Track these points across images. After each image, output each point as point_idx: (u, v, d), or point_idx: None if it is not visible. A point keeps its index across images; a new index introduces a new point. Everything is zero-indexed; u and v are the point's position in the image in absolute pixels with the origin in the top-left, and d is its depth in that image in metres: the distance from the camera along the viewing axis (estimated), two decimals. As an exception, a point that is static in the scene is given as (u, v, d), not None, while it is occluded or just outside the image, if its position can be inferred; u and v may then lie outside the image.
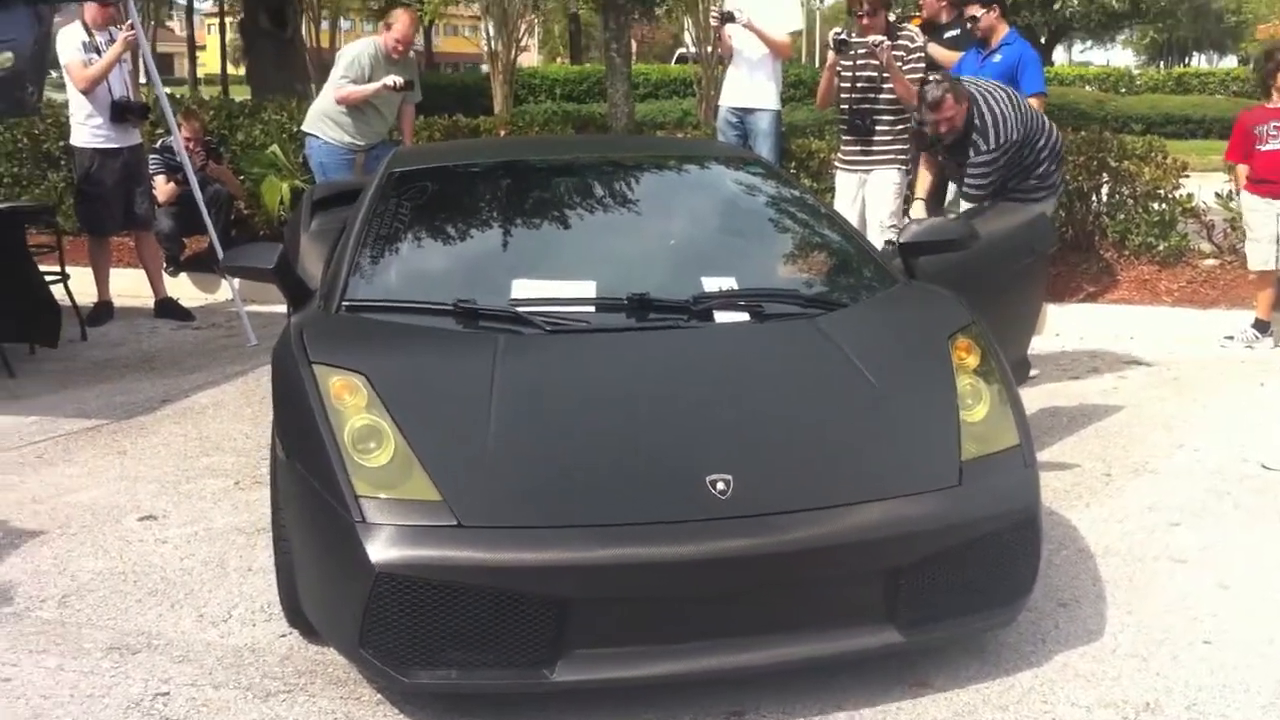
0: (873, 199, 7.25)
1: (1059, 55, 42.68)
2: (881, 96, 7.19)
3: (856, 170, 7.34)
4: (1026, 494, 3.51)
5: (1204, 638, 3.71)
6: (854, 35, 7.19)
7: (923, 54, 7.26)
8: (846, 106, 7.32)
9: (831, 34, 7.38)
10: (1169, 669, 3.52)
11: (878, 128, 7.23)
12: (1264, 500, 4.91)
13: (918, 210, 6.58)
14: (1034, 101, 7.09)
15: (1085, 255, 8.69)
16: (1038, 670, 3.51)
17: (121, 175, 8.16)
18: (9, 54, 7.09)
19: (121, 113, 8.08)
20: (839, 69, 7.30)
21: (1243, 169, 7.65)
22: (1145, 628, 3.77)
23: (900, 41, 7.14)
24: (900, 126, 7.24)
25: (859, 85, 7.22)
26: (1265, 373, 6.90)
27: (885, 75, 7.08)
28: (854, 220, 7.04)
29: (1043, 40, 34.39)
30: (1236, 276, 8.17)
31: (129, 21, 7.93)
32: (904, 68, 7.07)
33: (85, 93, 7.97)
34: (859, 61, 7.18)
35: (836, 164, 7.64)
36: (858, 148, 7.33)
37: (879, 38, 6.97)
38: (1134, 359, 7.27)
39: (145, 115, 8.49)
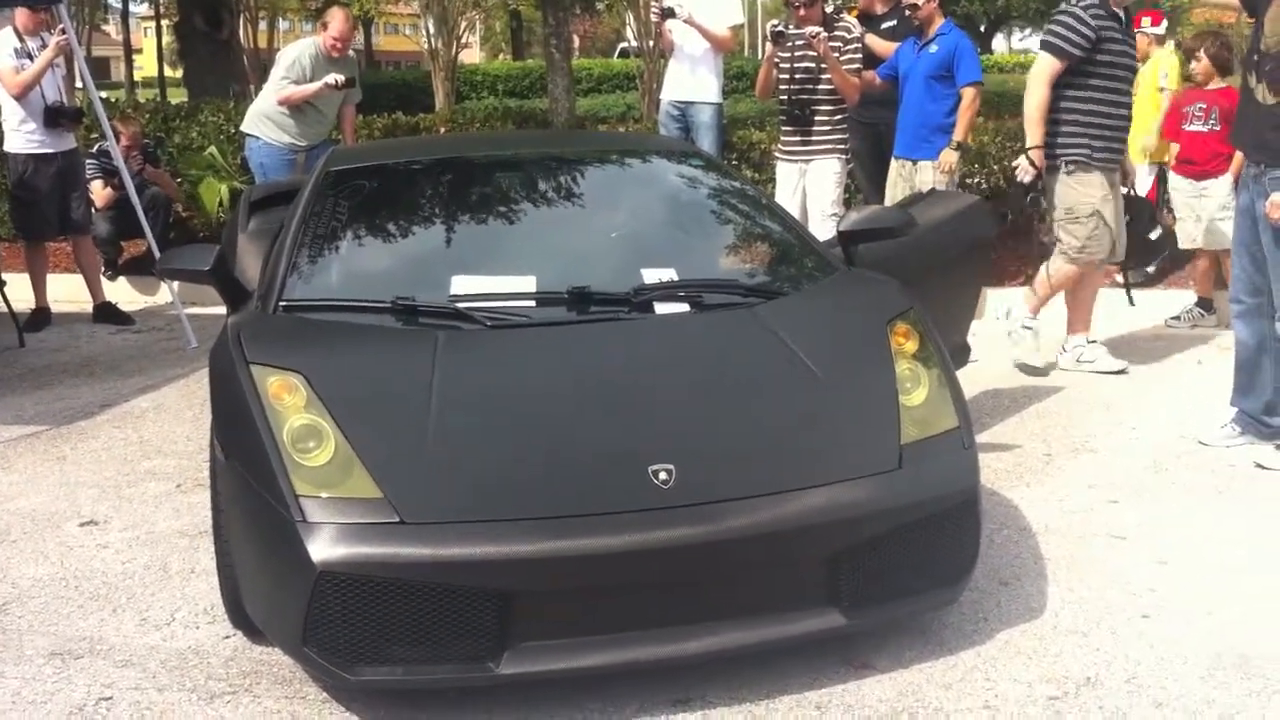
0: (814, 188, 7.28)
1: (998, 43, 43.11)
2: (820, 87, 7.22)
3: (796, 160, 7.36)
4: (966, 475, 3.55)
5: (1142, 612, 3.77)
6: (791, 26, 7.22)
7: (860, 44, 7.30)
8: (786, 97, 7.36)
9: (769, 25, 7.41)
10: (1108, 644, 3.57)
11: (816, 118, 7.25)
12: (1200, 477, 4.99)
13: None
14: (970, 91, 7.16)
15: (1024, 239, 8.78)
16: (980, 648, 3.56)
17: (56, 180, 8.08)
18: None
19: (55, 118, 7.99)
20: (777, 60, 7.34)
21: (1175, 148, 7.78)
22: (1085, 604, 3.83)
23: (837, 32, 7.17)
24: (839, 116, 7.28)
25: (797, 76, 7.25)
26: (1203, 350, 7.01)
27: (823, 66, 7.12)
28: (795, 210, 7.07)
29: (982, 29, 34.69)
30: (1174, 256, 8.30)
31: (60, 26, 7.84)
32: (841, 58, 7.10)
33: (18, 98, 7.88)
34: (797, 52, 7.22)
35: (777, 155, 7.67)
36: (797, 138, 7.35)
37: (816, 29, 7.00)
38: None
39: (79, 120, 8.40)
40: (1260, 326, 5.17)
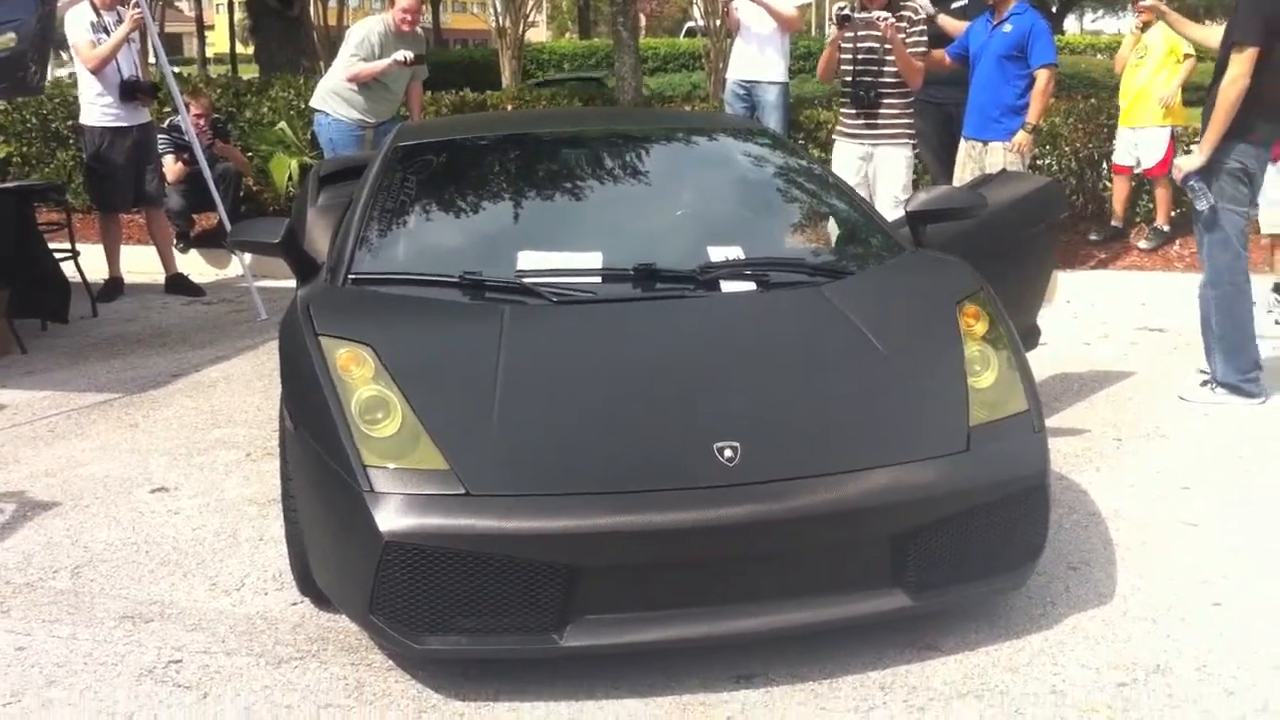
0: (884, 174, 7.06)
1: (1070, 24, 42.44)
2: (886, 68, 6.99)
3: (863, 143, 7.13)
4: (1035, 459, 3.51)
5: (1214, 600, 3.71)
6: (858, 9, 7.06)
7: (925, 26, 7.10)
8: (849, 79, 7.14)
9: (836, 9, 7.23)
10: (1179, 631, 3.53)
11: (883, 101, 7.01)
12: (1275, 464, 4.90)
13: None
14: (1045, 73, 7.05)
15: (1096, 222, 8.67)
16: (1047, 633, 3.52)
17: (131, 153, 8.21)
18: (11, 34, 7.09)
19: (131, 92, 8.12)
20: (840, 42, 7.17)
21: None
22: (1155, 590, 3.78)
23: (904, 13, 6.98)
24: (907, 99, 7.09)
25: (860, 57, 7.05)
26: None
27: (888, 48, 6.97)
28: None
29: (1054, 9, 34.16)
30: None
31: (134, 1, 7.94)
32: (906, 39, 6.91)
33: (94, 72, 8.00)
34: (860, 32, 7.05)
35: (837, 134, 7.39)
36: (861, 120, 7.10)
37: (885, 15, 6.83)
38: (1145, 325, 7.26)
39: (154, 94, 8.51)
40: None
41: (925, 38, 7.10)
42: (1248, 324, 5.73)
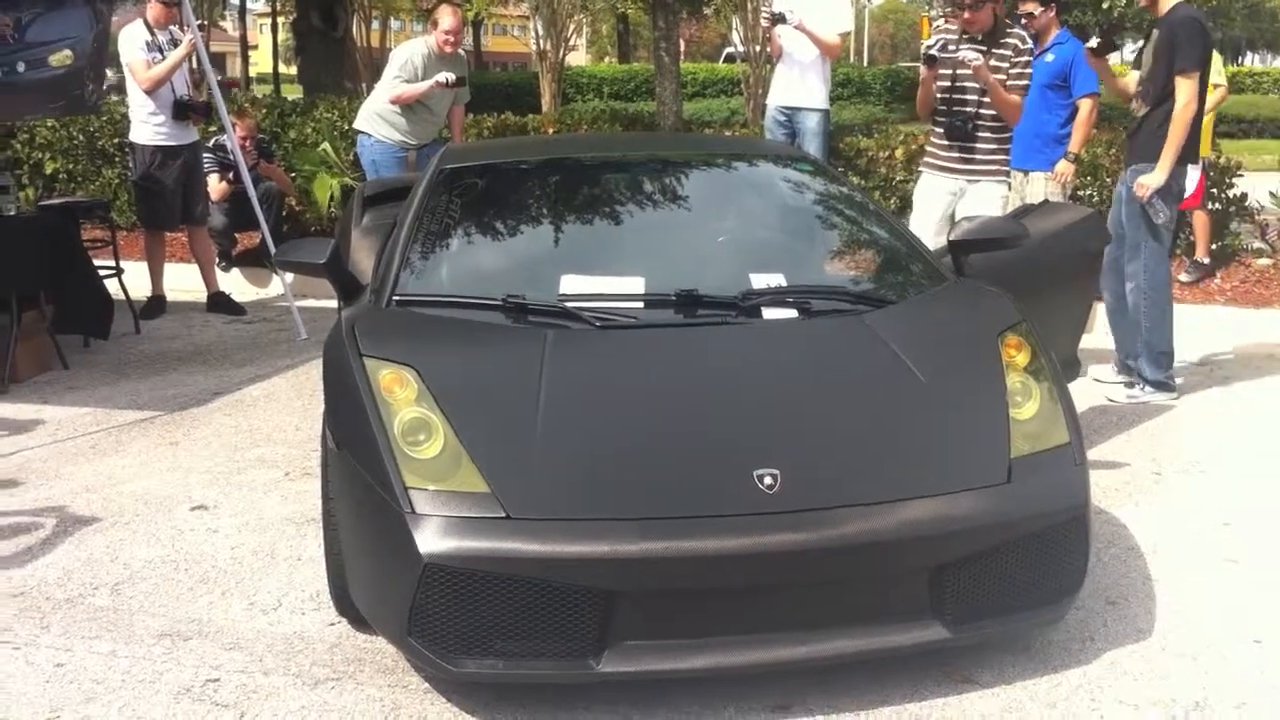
0: (977, 212, 6.29)
1: (1111, 55, 42.34)
2: (985, 98, 6.38)
3: (955, 178, 6.52)
4: (1076, 492, 3.48)
5: (1254, 637, 3.67)
6: (949, 47, 6.42)
7: (1030, 58, 6.47)
8: (943, 107, 6.58)
9: (922, 46, 6.89)
10: (1218, 668, 3.49)
11: (980, 134, 6.43)
12: (1318, 501, 4.85)
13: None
14: (1087, 102, 7.04)
15: (1136, 255, 8.60)
16: (1085, 668, 3.49)
17: (181, 172, 8.29)
18: (68, 52, 7.20)
19: (184, 111, 8.20)
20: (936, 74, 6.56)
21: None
22: (1194, 627, 3.74)
23: (1008, 40, 6.37)
24: (1006, 134, 6.51)
25: (956, 84, 6.46)
26: (1320, 374, 6.82)
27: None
28: (935, 226, 6.47)
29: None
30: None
31: (192, 25, 8.05)
32: (1010, 70, 6.30)
33: (149, 92, 8.09)
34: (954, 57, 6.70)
35: (924, 166, 6.83)
36: (956, 154, 6.50)
37: (975, 58, 6.23)
38: (1184, 358, 7.18)
39: (207, 114, 8.59)
40: None
41: (1030, 69, 6.46)
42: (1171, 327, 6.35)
